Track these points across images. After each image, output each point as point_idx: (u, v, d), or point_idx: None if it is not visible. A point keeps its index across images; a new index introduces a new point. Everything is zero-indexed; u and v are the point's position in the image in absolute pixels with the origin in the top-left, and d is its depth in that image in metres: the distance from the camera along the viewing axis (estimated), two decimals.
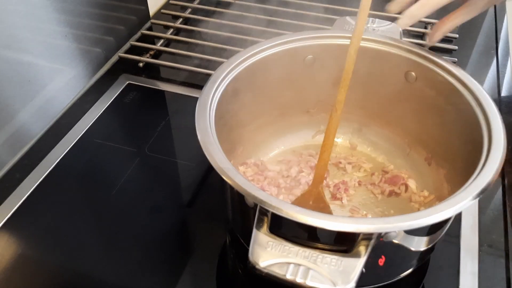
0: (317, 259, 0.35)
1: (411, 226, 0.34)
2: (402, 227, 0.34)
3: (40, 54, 0.62)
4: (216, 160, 0.39)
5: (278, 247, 0.35)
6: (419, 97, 0.50)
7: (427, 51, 0.49)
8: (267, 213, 0.36)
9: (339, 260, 0.35)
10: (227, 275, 0.48)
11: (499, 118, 0.42)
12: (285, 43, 0.51)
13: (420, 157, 0.53)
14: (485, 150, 0.40)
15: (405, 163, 0.55)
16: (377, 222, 0.35)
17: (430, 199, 0.51)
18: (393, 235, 0.37)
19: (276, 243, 0.35)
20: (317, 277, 0.34)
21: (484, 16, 0.86)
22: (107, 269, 0.48)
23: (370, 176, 0.55)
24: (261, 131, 0.56)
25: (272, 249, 0.35)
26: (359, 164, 0.56)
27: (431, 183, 0.52)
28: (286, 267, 0.35)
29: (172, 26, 0.82)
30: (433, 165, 0.52)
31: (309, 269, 0.34)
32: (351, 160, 0.57)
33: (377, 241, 0.35)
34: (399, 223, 0.34)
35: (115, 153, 0.60)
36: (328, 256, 0.35)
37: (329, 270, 0.34)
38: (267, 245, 0.35)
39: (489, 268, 0.47)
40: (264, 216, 0.36)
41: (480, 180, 0.37)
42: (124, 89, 0.70)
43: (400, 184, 0.53)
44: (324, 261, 0.35)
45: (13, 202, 0.53)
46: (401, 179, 0.53)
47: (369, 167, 0.56)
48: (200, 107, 0.44)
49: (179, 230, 0.52)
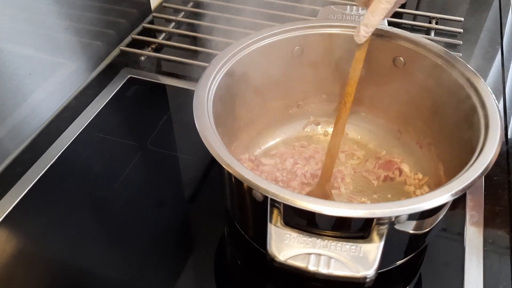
0: (336, 247, 0.35)
1: (422, 208, 0.34)
2: (416, 209, 0.34)
3: (41, 47, 0.61)
4: (222, 156, 0.38)
5: (296, 239, 0.35)
6: (409, 81, 0.51)
7: (414, 35, 0.49)
8: (279, 206, 0.36)
9: (358, 246, 0.35)
10: (225, 267, 0.48)
11: (492, 96, 0.42)
12: (272, 35, 0.51)
13: (411, 140, 0.54)
14: (482, 127, 0.40)
15: (397, 148, 0.56)
16: (392, 206, 0.35)
17: (424, 181, 0.51)
18: (404, 217, 0.36)
19: (294, 235, 0.35)
20: (340, 266, 0.34)
21: (488, 11, 0.85)
22: (108, 263, 0.48)
23: (364, 163, 0.55)
24: (252, 125, 0.56)
25: (290, 241, 0.35)
26: (351, 152, 0.56)
27: (425, 165, 0.52)
28: (307, 258, 0.34)
29: (174, 19, 0.81)
30: (425, 147, 0.52)
31: (331, 258, 0.34)
32: (344, 148, 0.57)
33: (390, 225, 0.35)
34: (412, 205, 0.34)
35: (117, 147, 0.60)
36: (346, 243, 0.35)
37: (350, 257, 0.34)
38: (284, 237, 0.35)
39: (494, 264, 0.47)
40: (276, 209, 0.36)
41: (483, 158, 0.37)
42: (125, 83, 0.69)
43: (394, 169, 0.53)
44: (343, 248, 0.35)
45: (14, 196, 0.53)
46: (394, 164, 0.53)
47: (362, 154, 0.56)
48: (197, 103, 0.43)
49: (181, 224, 0.52)
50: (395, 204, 0.35)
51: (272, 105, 0.56)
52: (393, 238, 0.39)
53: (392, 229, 0.37)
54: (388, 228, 0.35)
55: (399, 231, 0.39)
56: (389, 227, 0.35)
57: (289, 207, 0.35)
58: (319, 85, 0.56)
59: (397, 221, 0.36)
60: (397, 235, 0.40)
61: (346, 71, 0.50)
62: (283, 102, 0.57)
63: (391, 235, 0.38)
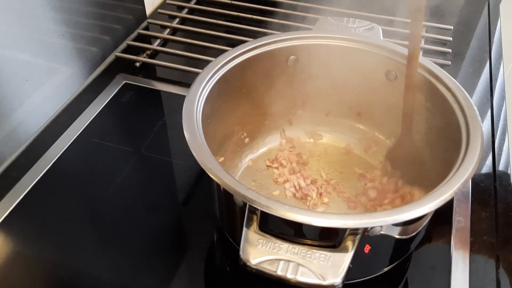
0: (306, 255, 0.36)
1: (396, 220, 0.35)
2: (388, 222, 0.35)
3: (37, 53, 0.62)
4: (204, 160, 0.39)
5: (268, 245, 0.36)
6: (400, 95, 0.51)
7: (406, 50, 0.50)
8: (257, 211, 0.37)
9: (327, 255, 0.36)
10: (215, 272, 0.49)
11: (477, 115, 0.43)
12: (268, 44, 0.52)
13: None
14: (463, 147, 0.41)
15: None
16: (364, 217, 0.36)
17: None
18: (378, 229, 0.37)
19: (266, 240, 0.37)
20: (307, 273, 0.35)
21: (478, 19, 0.87)
22: (103, 267, 0.48)
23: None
24: (243, 131, 0.56)
25: (262, 246, 0.36)
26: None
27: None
28: (276, 263, 0.36)
29: (169, 26, 0.82)
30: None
31: (299, 265, 0.35)
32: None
33: (362, 236, 0.36)
34: (384, 218, 0.35)
35: (112, 152, 0.60)
36: (317, 252, 0.36)
37: (318, 266, 0.35)
38: (258, 242, 0.36)
39: (480, 268, 0.48)
40: (253, 215, 0.37)
41: (460, 174, 0.38)
42: (120, 89, 0.70)
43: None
44: (313, 256, 0.36)
45: (10, 201, 0.54)
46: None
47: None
48: (187, 108, 0.44)
49: (174, 229, 0.53)
50: (367, 216, 0.36)
51: (264, 113, 0.57)
52: (377, 246, 0.40)
53: (369, 238, 0.38)
54: (360, 238, 0.36)
55: (382, 239, 0.39)
56: (361, 238, 0.36)
57: (265, 214, 0.36)
58: (313, 94, 0.57)
59: (370, 232, 0.37)
60: (380, 243, 0.41)
61: (340, 83, 0.50)
62: (276, 110, 0.57)
63: (373, 243, 0.39)
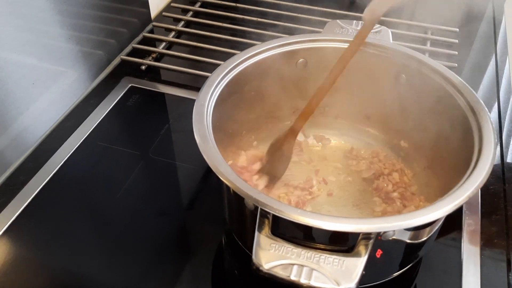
0: (319, 259, 0.35)
1: (410, 225, 0.35)
2: (402, 226, 0.35)
3: (44, 57, 0.62)
4: (216, 164, 0.39)
5: (281, 249, 0.36)
6: (410, 99, 0.51)
7: (417, 53, 0.50)
8: (268, 215, 0.36)
9: (341, 260, 0.35)
10: (223, 276, 0.49)
11: (490, 121, 0.42)
12: (278, 47, 0.52)
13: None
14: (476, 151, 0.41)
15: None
16: (377, 222, 0.35)
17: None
18: (391, 233, 0.37)
19: (279, 245, 0.36)
20: (321, 278, 0.35)
21: (482, 20, 0.87)
22: (110, 271, 0.48)
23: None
24: (253, 134, 0.56)
25: (275, 251, 0.36)
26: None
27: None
28: (290, 268, 0.35)
29: (174, 29, 0.82)
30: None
31: (313, 269, 0.35)
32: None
33: (375, 240, 0.36)
34: (398, 222, 0.35)
35: (119, 156, 0.60)
36: (330, 256, 0.36)
37: (332, 270, 0.35)
38: (270, 247, 0.36)
39: (491, 271, 0.48)
40: (265, 219, 0.37)
41: (473, 179, 0.38)
42: (126, 92, 0.70)
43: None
44: (326, 261, 0.35)
45: (18, 205, 0.54)
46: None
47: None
48: (197, 111, 0.44)
49: (182, 232, 0.53)
50: (381, 220, 0.35)
51: (272, 116, 0.57)
52: (388, 250, 0.40)
53: (381, 243, 0.38)
54: (373, 243, 0.35)
55: (393, 244, 0.39)
56: (374, 242, 0.36)
57: (277, 218, 0.35)
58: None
59: (383, 236, 0.37)
60: (391, 248, 0.40)
61: (349, 86, 0.50)
62: (284, 113, 0.57)
63: (385, 248, 0.39)
